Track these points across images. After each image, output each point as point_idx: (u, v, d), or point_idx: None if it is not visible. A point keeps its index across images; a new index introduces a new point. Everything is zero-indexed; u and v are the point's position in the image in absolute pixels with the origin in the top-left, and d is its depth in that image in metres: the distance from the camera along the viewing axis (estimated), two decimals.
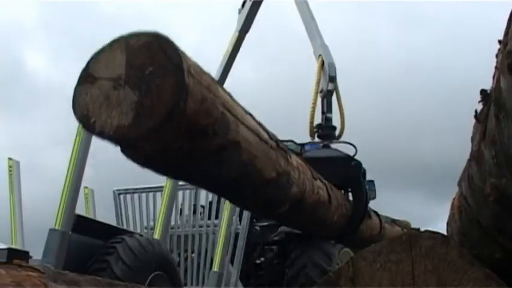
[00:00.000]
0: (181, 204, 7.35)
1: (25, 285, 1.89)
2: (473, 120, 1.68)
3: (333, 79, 6.42)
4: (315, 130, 6.18)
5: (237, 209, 6.78)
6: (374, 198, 9.22)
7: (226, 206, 6.70)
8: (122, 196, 7.44)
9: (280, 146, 3.49)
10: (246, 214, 6.97)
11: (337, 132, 6.55)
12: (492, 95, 1.37)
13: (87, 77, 2.59)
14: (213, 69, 8.48)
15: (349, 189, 5.46)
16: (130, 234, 5.11)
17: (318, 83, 6.34)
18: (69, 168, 4.79)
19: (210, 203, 7.38)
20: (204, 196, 7.33)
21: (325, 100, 6.45)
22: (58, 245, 4.52)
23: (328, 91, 6.42)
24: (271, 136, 3.40)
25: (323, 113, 6.44)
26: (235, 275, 6.91)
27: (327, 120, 6.19)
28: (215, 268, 6.43)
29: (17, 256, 4.04)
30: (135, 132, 2.44)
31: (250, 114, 3.24)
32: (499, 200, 1.48)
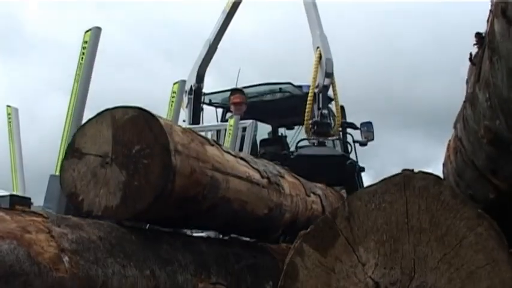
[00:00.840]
0: None
1: (30, 230, 1.93)
2: (469, 63, 1.69)
3: (329, 75, 6.40)
4: (310, 127, 6.17)
5: (237, 150, 6.80)
6: (372, 139, 9.24)
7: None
8: None
9: (272, 181, 3.51)
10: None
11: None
12: (486, 38, 1.38)
13: (74, 152, 2.51)
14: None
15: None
16: None
17: (315, 78, 6.31)
18: (68, 114, 4.79)
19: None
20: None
21: (320, 95, 6.44)
22: (59, 190, 4.55)
23: (324, 86, 6.41)
24: (262, 174, 3.41)
25: (319, 108, 6.43)
26: None
27: (323, 116, 6.18)
28: None
29: (19, 202, 4.10)
30: (123, 214, 2.42)
31: (241, 158, 3.23)
32: (493, 142, 1.52)
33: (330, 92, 6.99)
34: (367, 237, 1.61)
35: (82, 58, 4.87)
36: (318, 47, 6.48)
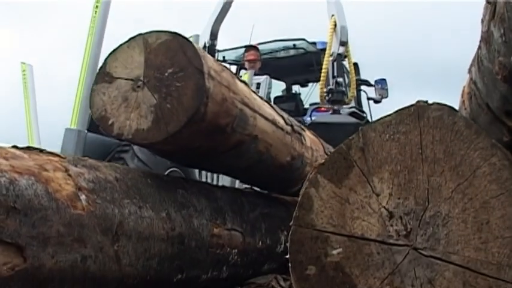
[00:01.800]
0: None
1: (47, 168, 1.96)
2: (484, 2, 1.66)
3: (344, 44, 6.34)
4: (325, 95, 6.14)
5: None
6: (386, 97, 9.20)
7: None
8: None
9: (295, 129, 3.48)
10: None
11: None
12: None
13: (104, 76, 2.48)
14: None
15: None
16: None
17: (330, 46, 6.25)
18: (82, 66, 4.80)
19: None
20: None
21: (335, 63, 6.39)
22: (74, 143, 4.60)
23: (338, 55, 6.36)
24: (287, 121, 3.39)
25: (333, 77, 6.39)
26: None
27: (338, 84, 6.15)
28: None
29: None
30: (155, 136, 2.38)
31: (267, 102, 3.19)
32: (507, 78, 1.50)
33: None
34: (382, 167, 1.61)
35: (95, 12, 4.86)
36: (332, 15, 6.41)
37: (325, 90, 6.20)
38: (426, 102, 1.60)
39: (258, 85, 6.92)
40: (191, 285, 2.68)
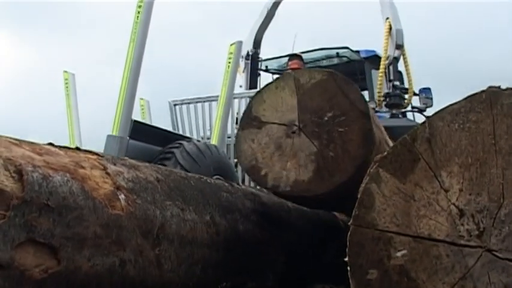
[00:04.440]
0: (237, 113, 7.29)
1: (84, 166, 1.84)
2: None
3: (399, 47, 6.20)
4: (382, 99, 6.00)
5: None
6: (431, 106, 8.98)
7: None
8: (177, 107, 7.41)
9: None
10: None
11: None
12: None
13: (252, 121, 2.30)
14: None
15: None
16: (188, 139, 5.08)
17: (386, 50, 6.12)
18: (124, 73, 4.73)
19: None
20: None
21: (391, 67, 6.25)
22: (116, 150, 4.52)
23: (394, 58, 6.22)
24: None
25: (390, 80, 6.25)
26: None
27: (394, 88, 5.99)
28: None
29: None
30: (317, 188, 2.17)
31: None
32: None
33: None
34: (450, 160, 1.44)
35: (137, 17, 4.79)
36: (387, 18, 6.27)
37: (382, 94, 6.02)
38: (499, 87, 1.43)
39: None
40: None
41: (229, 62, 5.85)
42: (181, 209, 2.18)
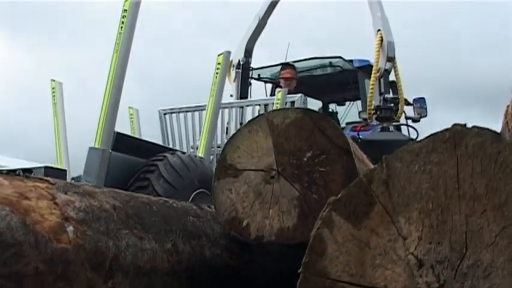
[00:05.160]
0: (228, 123, 7.20)
1: (29, 197, 1.73)
2: None
3: (391, 59, 6.12)
4: (373, 112, 5.91)
5: None
6: (425, 116, 8.89)
7: None
8: (167, 116, 7.34)
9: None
10: None
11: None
12: None
13: (226, 169, 2.17)
14: None
15: None
16: (172, 151, 4.98)
17: (377, 62, 6.03)
18: (107, 84, 4.63)
19: None
20: (250, 114, 7.14)
21: (382, 80, 6.18)
22: (98, 163, 4.43)
23: (385, 71, 6.14)
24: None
25: (380, 93, 6.18)
26: None
27: (385, 101, 5.90)
28: None
29: (53, 174, 3.97)
30: (304, 234, 1.98)
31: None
32: None
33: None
34: (409, 205, 1.32)
35: (121, 27, 4.69)
36: (378, 30, 6.18)
37: (373, 107, 5.92)
38: (464, 125, 1.31)
39: (293, 103, 6.68)
40: None
41: (217, 73, 5.75)
42: (139, 237, 2.07)
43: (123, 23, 4.69)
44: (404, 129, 7.75)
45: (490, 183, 1.26)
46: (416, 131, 8.41)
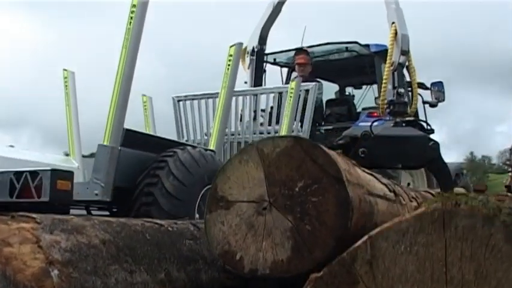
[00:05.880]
0: (242, 110, 7.13)
1: (12, 243, 1.69)
2: None
3: (405, 52, 5.94)
4: (386, 106, 5.77)
5: (298, 114, 6.50)
6: (443, 100, 8.76)
7: (286, 113, 6.40)
8: (181, 103, 7.28)
9: (397, 193, 3.08)
10: (307, 118, 6.66)
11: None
12: None
13: (218, 202, 2.09)
14: None
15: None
16: (183, 147, 4.91)
17: (391, 55, 5.86)
18: (116, 81, 4.57)
19: (271, 107, 7.12)
20: (264, 101, 7.05)
21: (396, 73, 6.02)
22: (107, 160, 4.40)
23: (399, 64, 5.97)
24: (389, 187, 2.97)
25: (394, 87, 6.03)
26: None
27: (399, 95, 5.75)
28: None
29: (60, 177, 3.93)
30: (298, 267, 1.94)
31: (370, 173, 2.80)
32: None
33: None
34: (394, 287, 1.25)
35: (130, 23, 4.60)
36: (393, 22, 6.00)
37: (385, 101, 5.80)
38: (456, 203, 1.23)
39: (307, 91, 6.58)
40: None
41: (229, 65, 5.66)
42: (129, 271, 2.03)
43: (131, 18, 4.60)
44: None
45: (479, 269, 1.19)
46: (430, 126, 8.26)
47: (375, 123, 7.74)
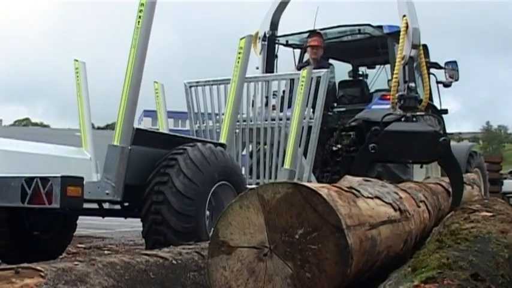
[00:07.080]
0: (254, 96, 7.14)
1: None
2: None
3: (416, 46, 5.84)
4: (396, 101, 5.72)
5: (310, 101, 6.51)
6: (457, 79, 8.70)
7: (298, 101, 6.41)
8: (193, 89, 7.31)
9: (402, 210, 3.06)
10: (319, 105, 6.66)
11: None
12: None
13: (220, 247, 2.12)
14: None
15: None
16: (193, 143, 4.94)
17: (402, 49, 5.77)
18: (125, 80, 4.60)
19: (283, 91, 7.12)
20: (276, 87, 7.05)
21: (406, 67, 5.93)
22: (118, 161, 4.45)
23: (410, 58, 5.88)
24: (394, 206, 2.94)
25: (405, 81, 5.95)
26: (307, 170, 6.74)
27: (410, 90, 5.68)
28: (286, 165, 6.28)
29: (70, 183, 4.01)
30: None
31: (376, 196, 2.75)
32: None
33: None
34: None
35: (138, 22, 4.61)
36: (404, 15, 5.91)
37: (396, 96, 5.78)
38: None
39: (318, 78, 6.57)
40: None
41: (239, 58, 5.64)
42: None
43: (140, 17, 4.61)
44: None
45: None
46: (442, 119, 8.22)
47: (373, 107, 7.75)
